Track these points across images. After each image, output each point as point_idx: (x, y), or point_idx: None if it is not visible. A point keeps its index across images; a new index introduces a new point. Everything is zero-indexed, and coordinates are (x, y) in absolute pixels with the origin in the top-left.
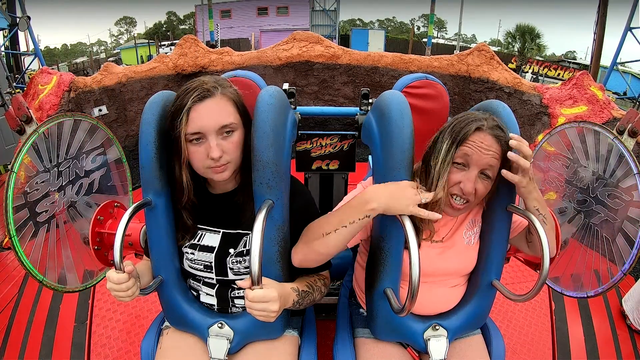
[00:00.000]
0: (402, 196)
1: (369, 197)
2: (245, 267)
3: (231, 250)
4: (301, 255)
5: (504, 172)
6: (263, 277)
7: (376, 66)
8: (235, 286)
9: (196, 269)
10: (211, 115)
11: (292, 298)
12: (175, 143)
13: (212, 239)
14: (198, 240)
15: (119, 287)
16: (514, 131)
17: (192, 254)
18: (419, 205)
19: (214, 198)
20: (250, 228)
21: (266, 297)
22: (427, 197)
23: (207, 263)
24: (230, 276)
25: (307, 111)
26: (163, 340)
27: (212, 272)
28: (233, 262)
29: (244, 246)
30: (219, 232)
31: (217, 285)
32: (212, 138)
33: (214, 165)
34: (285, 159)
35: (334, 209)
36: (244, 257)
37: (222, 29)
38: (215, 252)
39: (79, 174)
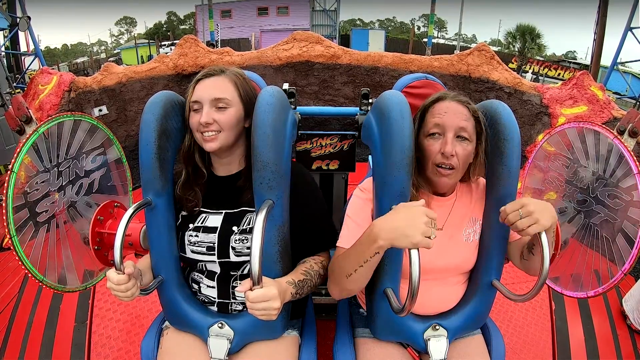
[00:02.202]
0: (411, 231)
1: (375, 233)
2: (248, 248)
3: (235, 228)
4: (338, 292)
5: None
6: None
7: (376, 66)
8: (236, 273)
9: (198, 252)
10: (209, 88)
11: (289, 292)
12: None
13: (214, 220)
14: (201, 223)
15: (118, 287)
16: (514, 131)
17: (196, 236)
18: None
19: (218, 180)
20: (252, 205)
21: (267, 296)
22: (434, 234)
23: (209, 244)
24: (232, 257)
25: (307, 111)
26: (163, 340)
27: (214, 254)
28: (236, 241)
29: (248, 224)
30: (221, 212)
31: (218, 274)
32: (206, 107)
33: (204, 130)
34: (285, 159)
35: (350, 246)
36: (247, 235)
37: (222, 29)
38: (217, 231)
39: (79, 174)
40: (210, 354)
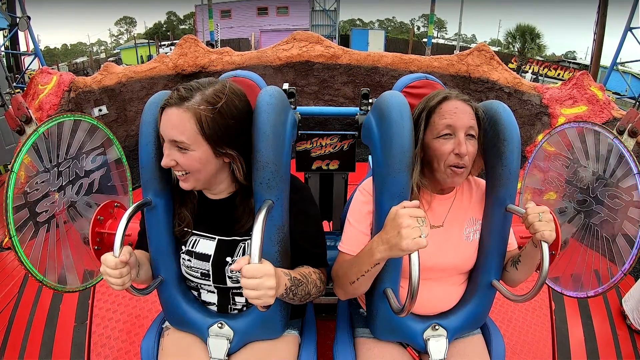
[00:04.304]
0: (398, 239)
1: (373, 248)
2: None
3: (228, 259)
4: (343, 294)
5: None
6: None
7: (376, 66)
8: (236, 291)
9: (193, 276)
10: (168, 125)
11: (283, 281)
12: None
13: (207, 246)
14: (193, 247)
15: (112, 272)
16: (514, 132)
17: (189, 260)
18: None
19: (210, 203)
20: (246, 235)
21: (262, 271)
22: (426, 231)
23: (204, 271)
24: (229, 284)
25: (307, 111)
26: (163, 341)
27: (210, 280)
28: (231, 271)
29: (242, 254)
30: (214, 238)
31: (217, 291)
32: (167, 146)
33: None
34: (285, 159)
35: (350, 251)
36: None
37: (222, 29)
38: (211, 260)
39: (79, 174)
40: (210, 354)
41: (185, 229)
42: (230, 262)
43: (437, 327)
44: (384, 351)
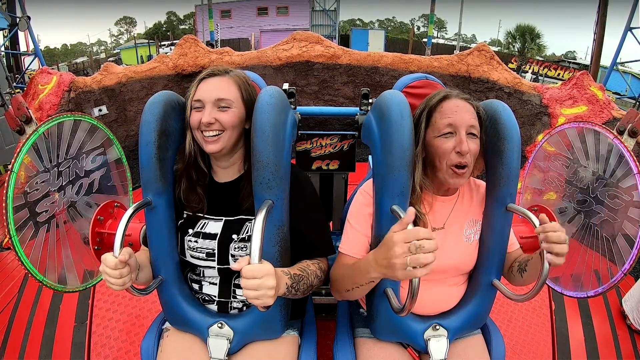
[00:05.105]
0: (391, 270)
1: (370, 266)
2: (247, 255)
3: (234, 236)
4: (339, 297)
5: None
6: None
7: (376, 66)
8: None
9: (198, 258)
10: (212, 88)
11: (284, 281)
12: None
13: (214, 226)
14: (201, 229)
15: (112, 272)
16: (514, 131)
17: (195, 242)
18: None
19: (218, 187)
20: (251, 213)
21: (262, 271)
22: (427, 259)
23: (209, 250)
24: (232, 264)
25: (307, 111)
26: (163, 342)
27: (214, 260)
28: (235, 249)
29: (247, 232)
30: (221, 219)
31: (219, 277)
32: (208, 107)
33: (205, 129)
34: (285, 159)
35: (350, 252)
36: (246, 244)
37: (222, 29)
38: (217, 238)
39: (79, 174)
40: (210, 354)
41: (199, 214)
42: (236, 239)
43: (437, 327)
44: (384, 351)
